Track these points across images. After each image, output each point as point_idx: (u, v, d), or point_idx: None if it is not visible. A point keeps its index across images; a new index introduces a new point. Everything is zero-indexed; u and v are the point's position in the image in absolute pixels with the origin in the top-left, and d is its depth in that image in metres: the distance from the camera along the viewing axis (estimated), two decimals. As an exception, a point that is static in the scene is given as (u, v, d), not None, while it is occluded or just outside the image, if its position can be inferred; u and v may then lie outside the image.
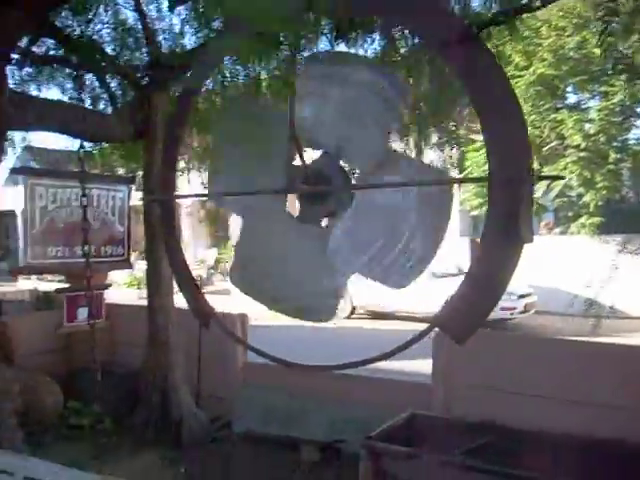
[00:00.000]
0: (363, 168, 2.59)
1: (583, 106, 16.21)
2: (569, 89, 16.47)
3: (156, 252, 6.35)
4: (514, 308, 14.91)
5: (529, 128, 14.66)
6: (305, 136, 2.64)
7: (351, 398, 6.37)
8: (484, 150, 10.47)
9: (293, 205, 2.83)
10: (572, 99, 16.86)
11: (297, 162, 2.84)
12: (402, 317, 15.62)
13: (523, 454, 4.81)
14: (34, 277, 17.98)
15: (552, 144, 15.03)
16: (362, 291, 15.19)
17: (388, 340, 2.53)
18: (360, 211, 2.55)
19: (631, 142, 14.97)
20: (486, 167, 10.05)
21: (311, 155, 2.77)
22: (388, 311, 16.12)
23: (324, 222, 2.76)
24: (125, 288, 20.05)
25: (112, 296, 12.01)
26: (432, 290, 13.55)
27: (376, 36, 8.40)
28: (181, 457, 6.09)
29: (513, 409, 5.46)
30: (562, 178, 13.65)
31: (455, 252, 17.62)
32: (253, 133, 2.73)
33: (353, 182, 2.59)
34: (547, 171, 14.60)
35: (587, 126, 14.82)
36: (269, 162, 2.58)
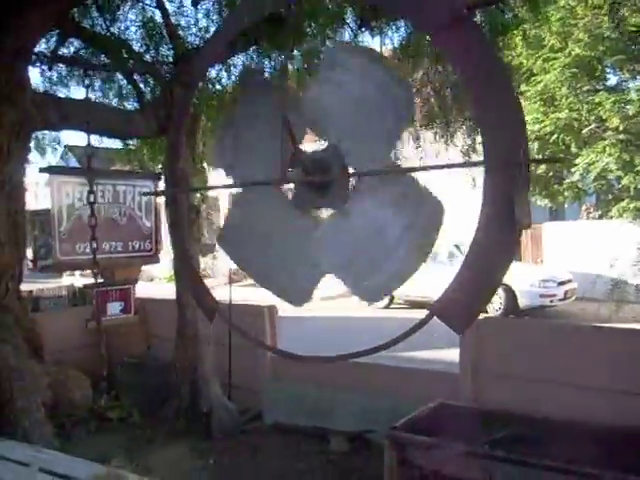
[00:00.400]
0: (362, 170, 2.58)
1: (624, 87, 15.75)
2: (609, 70, 16.02)
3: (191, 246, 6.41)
4: (554, 295, 14.70)
5: (566, 111, 14.44)
6: (311, 124, 2.63)
7: (380, 388, 6.36)
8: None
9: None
10: (613, 80, 16.41)
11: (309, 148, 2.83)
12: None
13: (550, 444, 4.73)
14: (77, 273, 18.40)
15: (591, 127, 14.65)
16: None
17: (427, 328, 2.53)
18: (351, 214, 2.52)
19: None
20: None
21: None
22: (425, 300, 16.03)
23: (316, 212, 2.75)
24: (166, 283, 20.32)
25: (153, 291, 12.24)
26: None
27: (401, 24, 8.36)
28: (211, 448, 6.16)
29: (543, 398, 5.38)
30: (559, 161, 13.25)
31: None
32: (262, 115, 2.73)
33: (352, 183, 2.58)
34: (585, 154, 14.27)
35: (627, 107, 14.39)
36: (274, 145, 2.58)
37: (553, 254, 17.50)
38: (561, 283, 14.92)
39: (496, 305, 14.82)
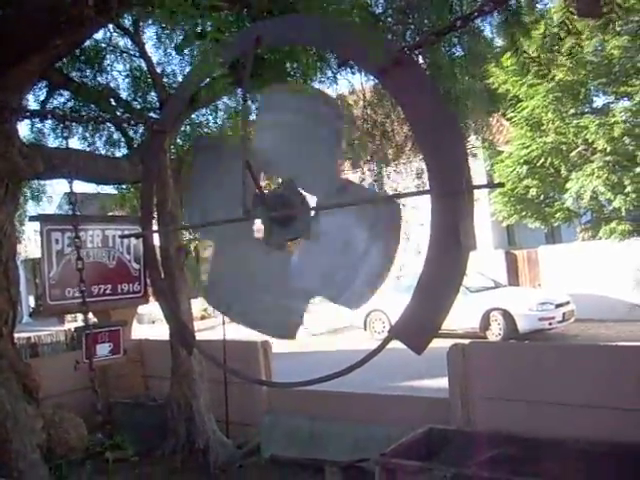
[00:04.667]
0: (319, 196, 2.75)
1: (610, 108, 16.04)
2: (594, 92, 16.34)
3: (173, 287, 6.56)
4: (552, 317, 14.72)
5: (553, 135, 14.69)
6: (265, 166, 2.80)
7: (373, 418, 6.42)
8: (509, 161, 10.49)
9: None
10: (599, 102, 16.72)
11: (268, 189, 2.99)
12: (441, 334, 15.56)
13: (538, 462, 4.80)
14: (80, 318, 18.48)
15: (578, 149, 14.88)
16: (399, 312, 15.19)
17: (417, 358, 2.66)
18: (316, 236, 2.69)
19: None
20: (510, 178, 10.14)
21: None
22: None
23: (287, 246, 2.91)
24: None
25: (154, 334, 12.34)
26: (468, 305, 13.54)
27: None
28: (208, 485, 6.22)
29: (532, 419, 5.45)
30: (501, 186, 13.47)
31: (490, 265, 17.54)
32: (218, 166, 2.89)
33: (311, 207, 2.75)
34: (575, 177, 14.47)
35: (614, 129, 14.64)
36: (234, 192, 2.74)
37: (550, 277, 17.57)
38: (559, 305, 14.95)
39: (495, 330, 14.88)
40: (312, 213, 2.80)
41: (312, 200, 2.88)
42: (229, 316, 2.97)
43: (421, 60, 4.57)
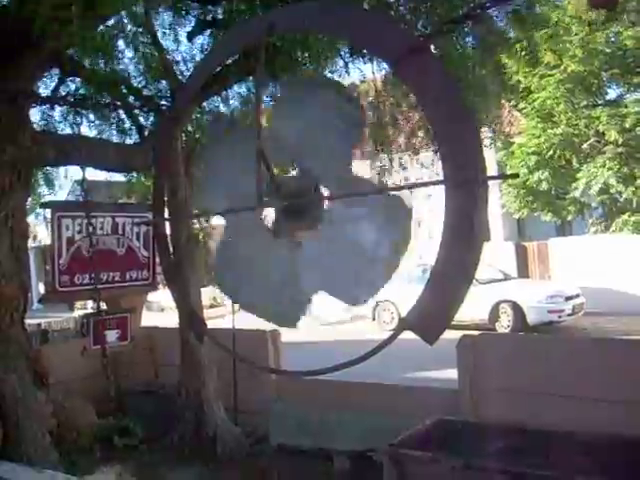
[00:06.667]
0: (332, 189, 2.74)
1: (623, 99, 15.88)
2: (607, 84, 16.18)
3: (183, 275, 6.57)
4: (562, 310, 14.66)
5: (564, 126, 14.59)
6: (282, 156, 2.79)
7: (382, 407, 6.43)
8: (520, 152, 10.42)
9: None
10: (612, 94, 16.56)
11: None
12: (450, 325, 15.54)
13: (547, 454, 4.80)
14: (89, 305, 18.60)
15: (590, 141, 14.77)
16: (408, 303, 15.17)
17: (426, 349, 2.65)
18: (327, 232, 2.67)
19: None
20: (523, 169, 10.09)
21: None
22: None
23: (298, 237, 2.89)
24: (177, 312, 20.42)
25: (163, 322, 12.41)
26: (478, 296, 13.49)
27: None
28: (217, 472, 6.25)
29: (540, 410, 5.45)
30: (516, 176, 13.41)
31: (500, 257, 17.47)
32: (235, 149, 2.88)
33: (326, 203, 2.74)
34: (585, 168, 14.36)
35: (626, 120, 14.51)
36: (250, 176, 2.73)
37: (560, 269, 17.49)
38: (569, 298, 14.89)
39: (504, 322, 14.84)
40: (326, 203, 2.78)
41: (325, 192, 2.85)
42: (234, 299, 2.96)
43: (433, 49, 4.55)
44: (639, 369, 5.19)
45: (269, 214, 3.04)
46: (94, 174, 7.64)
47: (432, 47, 3.01)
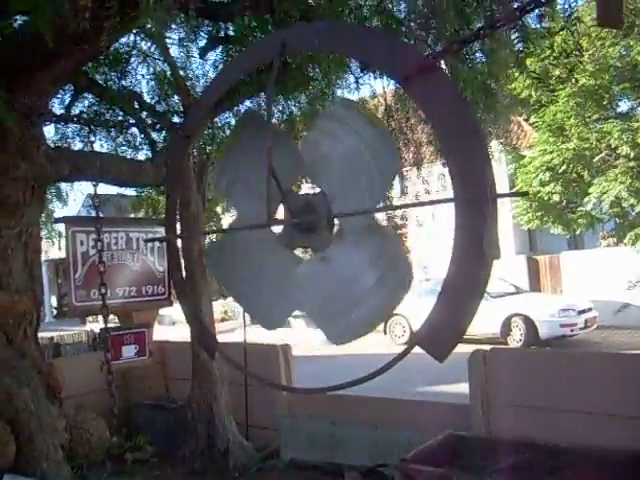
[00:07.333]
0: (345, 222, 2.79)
1: (634, 114, 15.85)
2: (619, 97, 16.16)
3: (195, 289, 6.63)
4: (574, 324, 14.58)
5: (575, 140, 14.56)
6: (309, 169, 2.83)
7: (393, 422, 6.42)
8: (531, 167, 10.46)
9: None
10: (624, 107, 16.53)
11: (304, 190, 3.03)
12: (463, 340, 15.49)
13: (559, 470, 4.77)
14: (100, 319, 18.68)
15: (601, 155, 14.74)
16: (420, 317, 15.20)
17: (438, 364, 2.68)
18: (330, 259, 2.71)
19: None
20: (534, 183, 10.12)
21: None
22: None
23: (298, 251, 2.93)
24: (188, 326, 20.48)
25: (174, 335, 12.45)
26: (489, 310, 13.44)
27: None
28: (228, 487, 6.25)
29: (553, 426, 5.42)
30: (526, 194, 13.51)
31: (511, 270, 17.42)
32: (258, 152, 2.92)
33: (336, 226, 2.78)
34: (597, 182, 14.34)
35: (638, 135, 14.48)
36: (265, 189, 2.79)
37: (572, 283, 17.43)
38: (581, 312, 14.82)
39: (516, 336, 14.78)
40: (335, 223, 2.81)
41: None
42: (225, 285, 3.02)
43: (443, 66, 4.58)
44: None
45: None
46: (105, 188, 7.70)
47: (442, 64, 3.04)
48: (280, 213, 2.87)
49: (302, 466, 6.66)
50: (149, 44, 8.01)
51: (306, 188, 2.96)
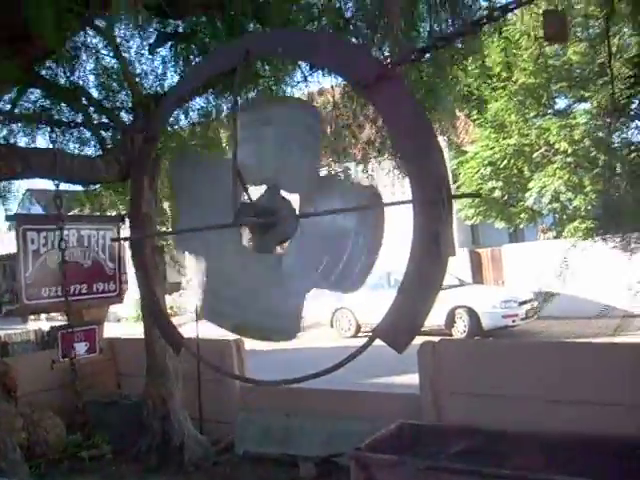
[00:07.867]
0: (301, 195, 2.90)
1: (572, 110, 16.44)
2: (557, 95, 16.74)
3: (149, 285, 6.62)
4: (516, 315, 15.05)
5: (516, 136, 15.04)
6: (248, 177, 2.93)
7: (346, 413, 6.57)
8: (474, 162, 10.78)
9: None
10: (562, 104, 17.11)
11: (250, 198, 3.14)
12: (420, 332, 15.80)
13: (506, 455, 5.00)
14: (43, 317, 18.33)
15: (541, 151, 15.26)
16: (366, 310, 15.57)
17: (388, 355, 2.82)
18: (305, 234, 2.83)
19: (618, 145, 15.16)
20: (474, 179, 10.45)
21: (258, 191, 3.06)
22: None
23: (278, 249, 3.04)
24: (133, 323, 20.30)
25: (120, 332, 12.35)
26: (435, 303, 13.73)
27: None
28: (184, 482, 6.31)
29: (499, 413, 5.66)
30: (479, 196, 14.01)
31: (455, 263, 17.82)
32: (203, 179, 3.02)
33: (296, 210, 2.89)
34: (537, 177, 14.85)
35: (575, 131, 15.04)
36: (221, 203, 2.88)
37: (514, 275, 17.95)
38: (522, 303, 15.29)
39: (460, 327, 15.17)
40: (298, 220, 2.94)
41: (295, 199, 3.03)
42: (230, 328, 3.07)
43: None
44: (593, 370, 5.45)
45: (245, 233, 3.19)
46: (47, 184, 7.58)
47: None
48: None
49: (257, 458, 6.76)
50: (98, 39, 7.94)
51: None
